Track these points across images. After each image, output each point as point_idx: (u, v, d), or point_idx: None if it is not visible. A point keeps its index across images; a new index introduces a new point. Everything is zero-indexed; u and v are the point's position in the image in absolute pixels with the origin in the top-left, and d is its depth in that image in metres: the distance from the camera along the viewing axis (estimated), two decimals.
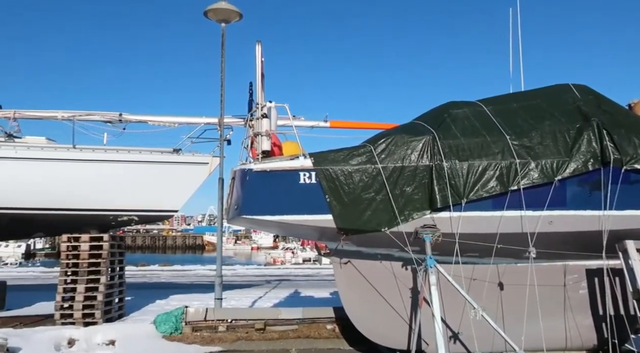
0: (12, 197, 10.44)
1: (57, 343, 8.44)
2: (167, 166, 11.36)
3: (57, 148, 10.91)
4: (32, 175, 10.53)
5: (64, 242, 10.73)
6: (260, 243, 77.21)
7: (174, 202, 11.67)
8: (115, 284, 11.08)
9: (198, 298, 13.64)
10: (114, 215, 11.23)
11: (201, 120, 11.73)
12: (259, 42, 7.60)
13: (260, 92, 7.83)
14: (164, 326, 9.19)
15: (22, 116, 11.14)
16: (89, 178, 10.80)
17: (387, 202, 7.25)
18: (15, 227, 11.40)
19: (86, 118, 11.46)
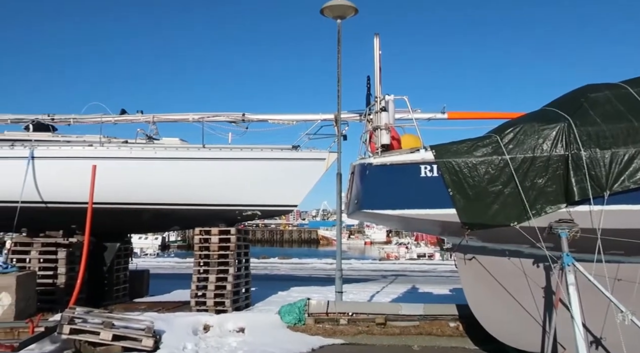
0: (153, 193, 11.49)
1: (195, 328, 9.15)
2: (287, 162, 11.75)
3: (189, 148, 11.80)
4: (168, 174, 11.50)
5: (197, 235, 11.60)
6: (373, 238, 77.42)
7: (293, 197, 12.04)
8: (242, 275, 11.75)
9: (317, 290, 14.00)
10: (239, 209, 11.87)
11: (318, 116, 11.95)
12: (377, 35, 7.54)
13: (378, 85, 7.77)
14: (288, 317, 9.55)
15: (159, 120, 12.21)
16: (217, 176, 11.52)
17: (517, 195, 6.82)
18: (156, 221, 12.55)
19: (213, 119, 12.24)
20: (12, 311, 9.49)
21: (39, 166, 11.07)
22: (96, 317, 8.58)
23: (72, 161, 11.27)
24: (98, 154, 11.27)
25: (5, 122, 12.15)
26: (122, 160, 11.41)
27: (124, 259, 13.51)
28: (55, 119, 12.15)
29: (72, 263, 11.55)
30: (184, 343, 8.36)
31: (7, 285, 9.57)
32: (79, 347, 8.16)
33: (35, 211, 11.13)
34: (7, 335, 8.10)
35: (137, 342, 8.10)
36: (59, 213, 11.51)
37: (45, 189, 11.17)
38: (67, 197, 11.32)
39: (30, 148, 11.10)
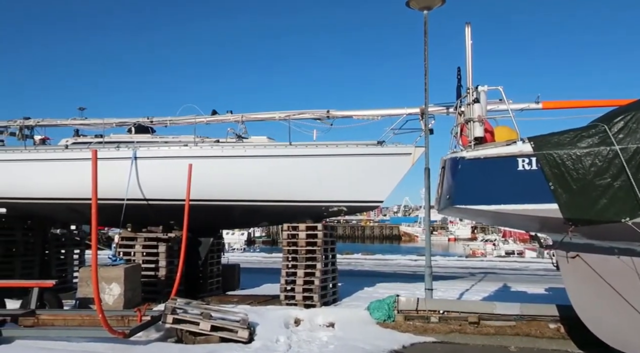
0: (243, 190, 11.92)
1: (286, 321, 9.38)
2: (372, 158, 11.69)
3: (277, 146, 12.09)
4: (257, 171, 11.87)
5: (285, 230, 11.90)
6: (457, 235, 75.14)
7: (379, 192, 11.96)
8: (329, 270, 11.89)
9: (403, 287, 13.83)
10: (325, 205, 11.98)
11: (403, 111, 11.77)
12: (469, 24, 7.26)
13: (469, 76, 7.49)
14: (378, 313, 9.52)
15: (247, 119, 12.61)
16: (304, 172, 11.71)
17: (629, 188, 6.29)
18: (246, 217, 13.02)
19: (298, 117, 12.43)
20: (121, 300, 10.29)
21: (141, 166, 11.86)
22: (195, 308, 9.06)
23: (170, 160, 11.98)
24: (193, 153, 11.87)
25: (111, 126, 13.13)
26: (214, 158, 11.93)
27: (216, 254, 14.16)
28: (154, 121, 12.94)
29: (171, 256, 12.31)
30: (277, 336, 8.59)
31: (117, 276, 10.39)
32: (181, 335, 8.65)
33: (138, 208, 11.94)
34: (119, 322, 8.76)
35: (233, 333, 8.45)
36: (158, 209, 12.27)
37: (146, 187, 11.94)
38: (165, 194, 12.04)
39: (133, 149, 11.93)
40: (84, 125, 13.35)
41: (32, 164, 12.73)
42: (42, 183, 12.53)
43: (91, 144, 12.79)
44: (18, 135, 13.25)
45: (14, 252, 13.48)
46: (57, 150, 12.71)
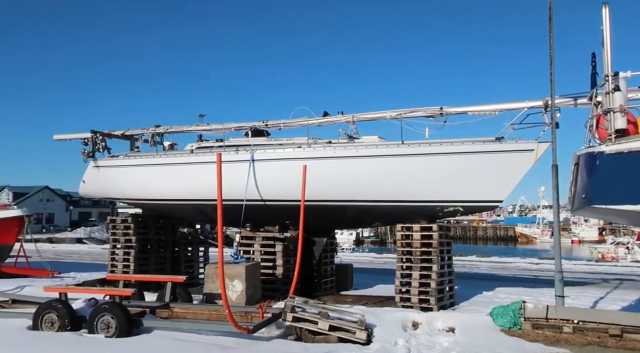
0: (356, 190, 11.92)
1: (404, 324, 9.19)
2: (490, 155, 11.07)
3: (389, 145, 11.92)
4: (369, 171, 11.80)
5: (399, 231, 11.69)
6: (582, 237, 68.95)
7: (498, 192, 11.29)
8: (445, 273, 11.47)
9: (526, 292, 12.95)
10: (440, 206, 11.59)
11: (524, 104, 11.00)
12: (606, 5, 6.53)
13: (608, 62, 6.72)
14: (502, 319, 8.97)
15: (358, 119, 12.60)
16: (417, 172, 11.42)
17: None
18: (359, 217, 13.00)
19: (410, 115, 12.14)
20: (243, 296, 10.80)
21: (258, 168, 12.36)
22: (313, 307, 9.21)
23: (284, 162, 12.34)
24: (306, 155, 12.11)
25: (230, 130, 13.86)
26: (327, 159, 12.08)
27: (330, 253, 14.35)
28: (269, 125, 13.43)
29: (287, 255, 12.67)
30: (395, 338, 8.43)
31: (239, 273, 10.91)
32: (300, 333, 8.83)
33: (256, 208, 12.46)
34: (243, 318, 9.18)
35: (351, 334, 8.45)
36: (275, 210, 12.70)
37: (263, 188, 12.41)
38: (281, 195, 12.43)
39: (250, 152, 12.47)
40: (205, 130, 14.23)
41: (162, 167, 13.85)
42: (171, 186, 13.59)
43: (213, 147, 13.61)
44: (150, 141, 14.50)
45: (149, 249, 14.78)
46: (184, 155, 13.70)
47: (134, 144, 15.26)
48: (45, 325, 9.01)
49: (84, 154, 14.60)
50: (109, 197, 16.26)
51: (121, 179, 14.41)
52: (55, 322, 8.98)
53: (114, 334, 8.51)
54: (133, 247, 14.24)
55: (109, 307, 8.80)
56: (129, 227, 14.40)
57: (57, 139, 15.52)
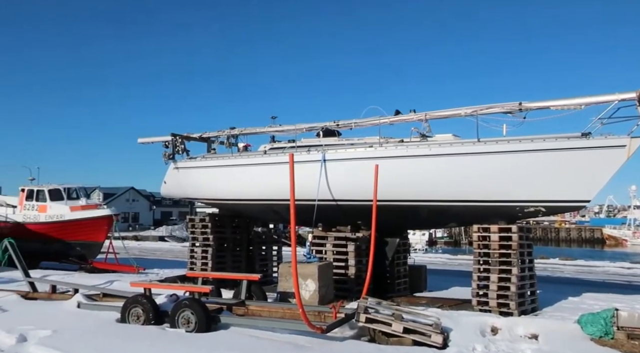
0: (429, 190, 11.63)
1: (482, 329, 8.83)
2: (577, 152, 10.38)
3: (464, 143, 11.52)
4: (443, 170, 11.46)
5: (475, 232, 11.26)
6: None
7: (585, 191, 10.57)
8: (526, 276, 10.90)
9: (618, 299, 12.01)
10: (520, 206, 11.03)
11: (614, 97, 10.19)
12: None
13: None
14: (592, 328, 8.36)
15: (431, 117, 12.28)
16: (495, 170, 10.95)
17: None
18: (433, 217, 12.68)
19: (486, 111, 11.65)
20: (316, 296, 10.86)
21: (330, 168, 12.39)
22: (386, 308, 9.08)
23: (356, 162, 12.28)
24: (378, 154, 11.98)
25: (302, 131, 14.00)
26: (399, 159, 11.88)
27: (403, 254, 14.10)
28: (340, 125, 13.41)
29: (360, 256, 12.61)
30: (473, 344, 8.12)
31: (312, 273, 10.99)
32: (373, 335, 8.74)
33: (328, 208, 12.49)
34: (316, 317, 9.23)
35: (426, 337, 8.24)
36: (347, 210, 12.68)
37: (335, 188, 12.42)
38: (353, 195, 12.39)
39: (322, 152, 12.53)
40: (278, 131, 14.48)
41: (236, 168, 14.26)
42: (246, 186, 13.95)
43: (285, 148, 13.82)
44: (225, 143, 14.98)
45: (225, 247, 15.28)
46: (257, 156, 14.01)
47: (211, 146, 15.84)
48: (132, 318, 9.54)
49: (165, 156, 15.35)
50: (188, 197, 16.98)
51: (199, 180, 15.01)
52: (141, 316, 9.49)
53: (193, 329, 8.85)
54: (210, 245, 14.78)
55: (189, 303, 9.17)
56: (207, 226, 14.97)
57: (141, 142, 16.42)
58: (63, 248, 20.98)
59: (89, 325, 9.35)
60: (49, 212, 21.31)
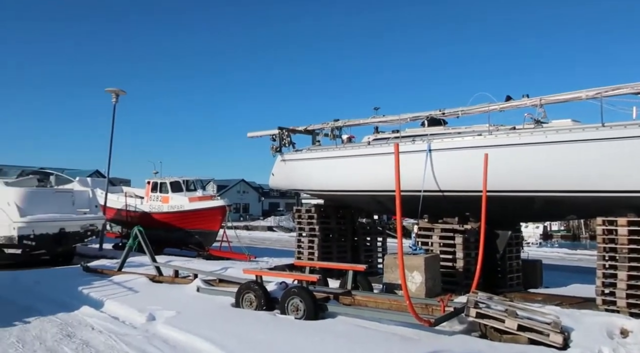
0: (545, 180, 10.86)
1: (609, 330, 8.07)
2: None
3: (585, 128, 10.58)
4: (561, 158, 10.63)
5: (599, 225, 10.32)
6: None
7: None
8: None
9: None
10: None
11: None
12: None
13: None
14: None
15: (546, 102, 11.43)
16: (623, 158, 9.92)
17: None
18: (548, 209, 11.85)
19: (612, 93, 10.59)
20: (423, 288, 10.67)
21: (435, 158, 12.06)
22: (498, 303, 8.66)
23: (463, 151, 11.82)
24: (488, 143, 11.43)
25: (406, 121, 13.78)
26: (511, 147, 11.23)
27: (515, 247, 13.37)
28: (446, 113, 12.98)
29: (468, 248, 12.16)
30: (599, 346, 7.46)
31: (418, 265, 10.81)
32: (485, 331, 8.38)
33: (433, 199, 12.18)
34: (423, 310, 9.06)
35: (543, 336, 7.73)
36: (453, 201, 12.27)
37: (441, 179, 12.07)
38: (460, 185, 11.95)
39: (427, 142, 12.23)
40: (381, 122, 14.38)
41: (341, 160, 14.41)
42: (350, 177, 14.06)
43: (389, 139, 13.70)
44: (330, 135, 15.20)
45: (331, 238, 15.56)
46: (361, 147, 14.04)
47: (315, 138, 16.17)
48: (245, 303, 10.08)
49: (273, 149, 15.95)
50: (294, 188, 17.51)
51: (304, 171, 15.40)
52: (253, 301, 9.99)
53: (302, 316, 9.13)
54: (316, 235, 15.13)
55: (298, 291, 9.47)
56: (313, 216, 15.34)
57: (250, 136, 17.21)
58: (183, 236, 22.77)
59: (207, 308, 10.04)
60: (171, 202, 23.21)
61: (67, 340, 8.24)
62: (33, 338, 8.30)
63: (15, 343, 8.00)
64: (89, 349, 7.76)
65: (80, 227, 18.18)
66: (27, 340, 8.23)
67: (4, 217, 16.78)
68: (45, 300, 11.32)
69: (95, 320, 9.54)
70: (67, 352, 7.63)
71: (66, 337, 8.38)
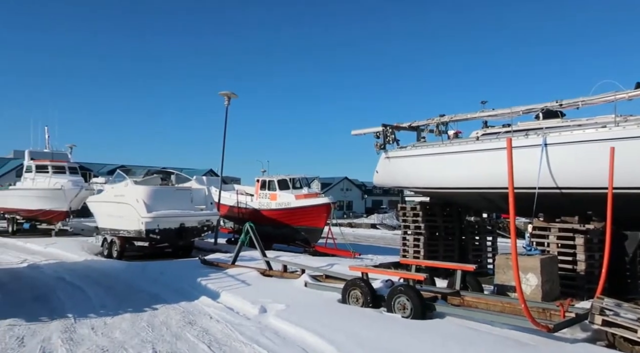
0: None
1: None
2: None
3: None
4: None
5: None
6: None
7: None
8: None
9: None
10: None
11: None
12: None
13: None
14: None
15: None
16: None
17: None
18: None
19: None
20: (538, 291, 10.03)
21: (552, 152, 11.25)
22: (629, 311, 7.87)
23: (584, 145, 10.90)
24: (614, 135, 10.42)
25: (518, 114, 13.02)
26: None
27: None
28: (563, 104, 12.07)
29: (590, 250, 11.20)
30: None
31: (533, 266, 10.18)
32: (613, 340, 7.66)
33: (549, 197, 11.39)
34: (540, 314, 8.51)
35: None
36: (573, 198, 11.37)
37: (558, 175, 11.25)
38: (580, 182, 11.04)
39: (542, 135, 11.45)
40: (491, 116, 13.73)
41: (447, 156, 13.99)
42: (457, 174, 13.59)
43: (500, 133, 13.03)
44: (435, 131, 14.83)
45: (437, 236, 15.19)
46: (469, 142, 13.51)
47: (420, 134, 15.87)
48: (352, 300, 10.18)
49: (377, 146, 15.92)
50: (399, 185, 17.33)
51: (409, 169, 15.18)
52: (359, 298, 10.06)
53: (409, 315, 9.02)
54: (422, 233, 14.86)
55: (404, 290, 9.36)
56: (418, 214, 15.08)
57: (355, 134, 17.33)
58: (290, 232, 23.58)
59: (314, 303, 10.30)
60: (278, 200, 24.14)
61: (189, 327, 8.92)
62: (160, 324, 9.10)
63: (146, 328, 8.82)
64: (209, 336, 8.33)
65: (197, 222, 19.55)
66: (156, 325, 9.04)
67: (133, 212, 18.56)
68: (169, 289, 12.36)
69: (212, 309, 10.21)
70: (190, 338, 8.25)
71: (188, 324, 9.08)
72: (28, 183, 29.45)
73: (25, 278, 14.20)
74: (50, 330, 8.59)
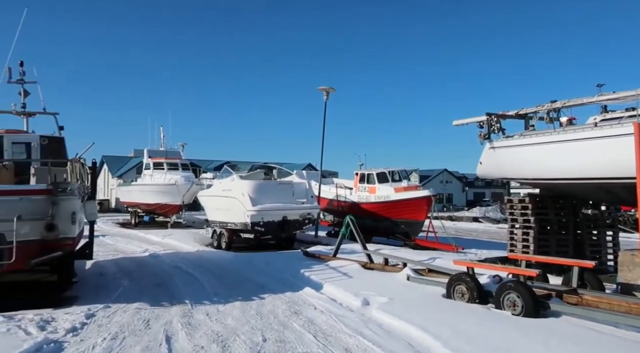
0: None
1: None
2: None
3: None
4: None
5: None
6: None
7: None
8: None
9: None
10: None
11: None
12: None
13: None
14: None
15: None
16: None
17: None
18: None
19: None
20: None
21: None
22: None
23: None
24: None
25: None
26: None
27: None
28: None
29: None
30: None
31: None
32: None
33: None
34: None
35: None
36: None
37: None
38: None
39: None
40: (611, 100, 12.50)
41: (560, 144, 12.99)
42: (571, 164, 12.59)
43: (622, 118, 11.86)
44: (545, 118, 13.82)
45: (548, 230, 14.23)
46: (586, 129, 12.45)
47: (529, 122, 14.91)
48: (457, 295, 9.88)
49: (480, 136, 15.21)
50: (505, 177, 16.45)
51: (517, 159, 14.33)
52: (465, 293, 9.73)
53: (520, 313, 8.55)
54: (531, 227, 13.99)
55: (515, 286, 8.89)
56: (527, 207, 14.21)
57: (456, 124, 16.71)
58: (390, 225, 23.40)
59: (418, 297, 10.14)
60: (378, 193, 24.06)
61: (295, 316, 9.20)
62: (268, 313, 9.48)
63: (255, 316, 9.25)
64: (314, 327, 8.53)
65: (299, 215, 20.10)
66: (264, 313, 9.45)
67: (239, 206, 19.53)
68: (274, 279, 12.85)
69: (316, 300, 10.45)
70: (296, 327, 8.51)
71: (294, 314, 9.37)
72: (147, 179, 32.35)
73: (147, 266, 15.55)
74: (171, 314, 9.32)
